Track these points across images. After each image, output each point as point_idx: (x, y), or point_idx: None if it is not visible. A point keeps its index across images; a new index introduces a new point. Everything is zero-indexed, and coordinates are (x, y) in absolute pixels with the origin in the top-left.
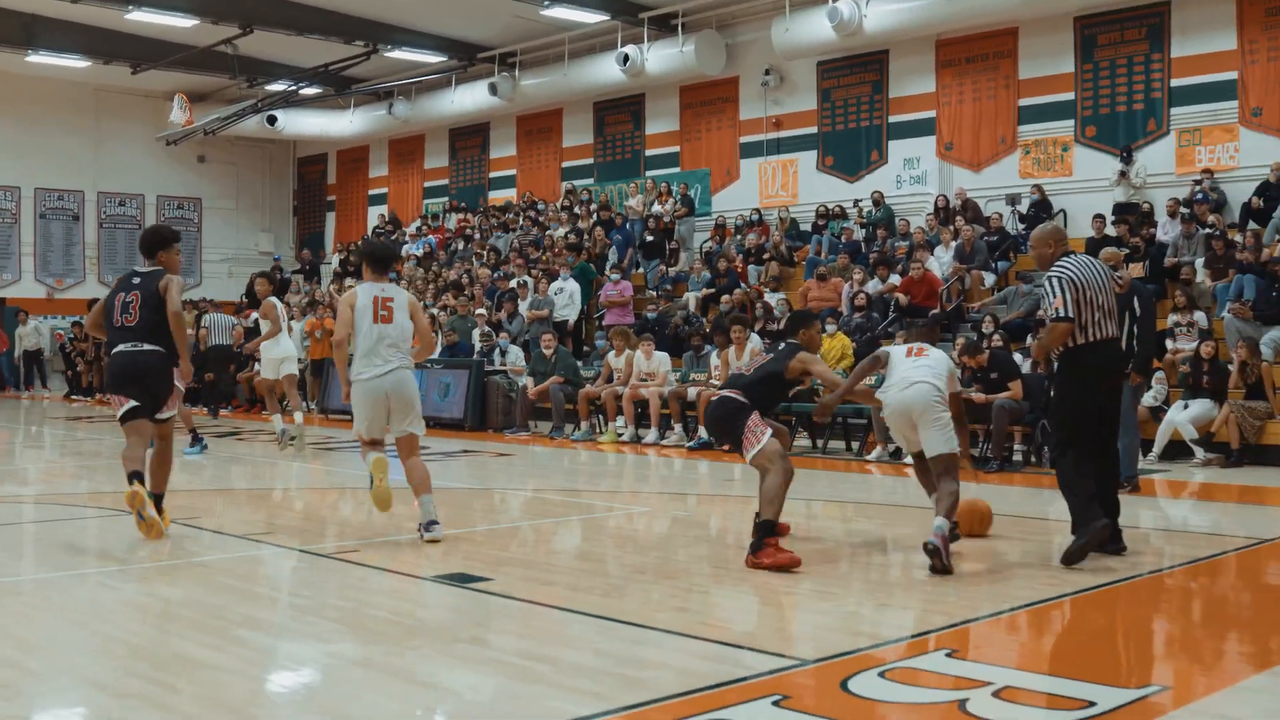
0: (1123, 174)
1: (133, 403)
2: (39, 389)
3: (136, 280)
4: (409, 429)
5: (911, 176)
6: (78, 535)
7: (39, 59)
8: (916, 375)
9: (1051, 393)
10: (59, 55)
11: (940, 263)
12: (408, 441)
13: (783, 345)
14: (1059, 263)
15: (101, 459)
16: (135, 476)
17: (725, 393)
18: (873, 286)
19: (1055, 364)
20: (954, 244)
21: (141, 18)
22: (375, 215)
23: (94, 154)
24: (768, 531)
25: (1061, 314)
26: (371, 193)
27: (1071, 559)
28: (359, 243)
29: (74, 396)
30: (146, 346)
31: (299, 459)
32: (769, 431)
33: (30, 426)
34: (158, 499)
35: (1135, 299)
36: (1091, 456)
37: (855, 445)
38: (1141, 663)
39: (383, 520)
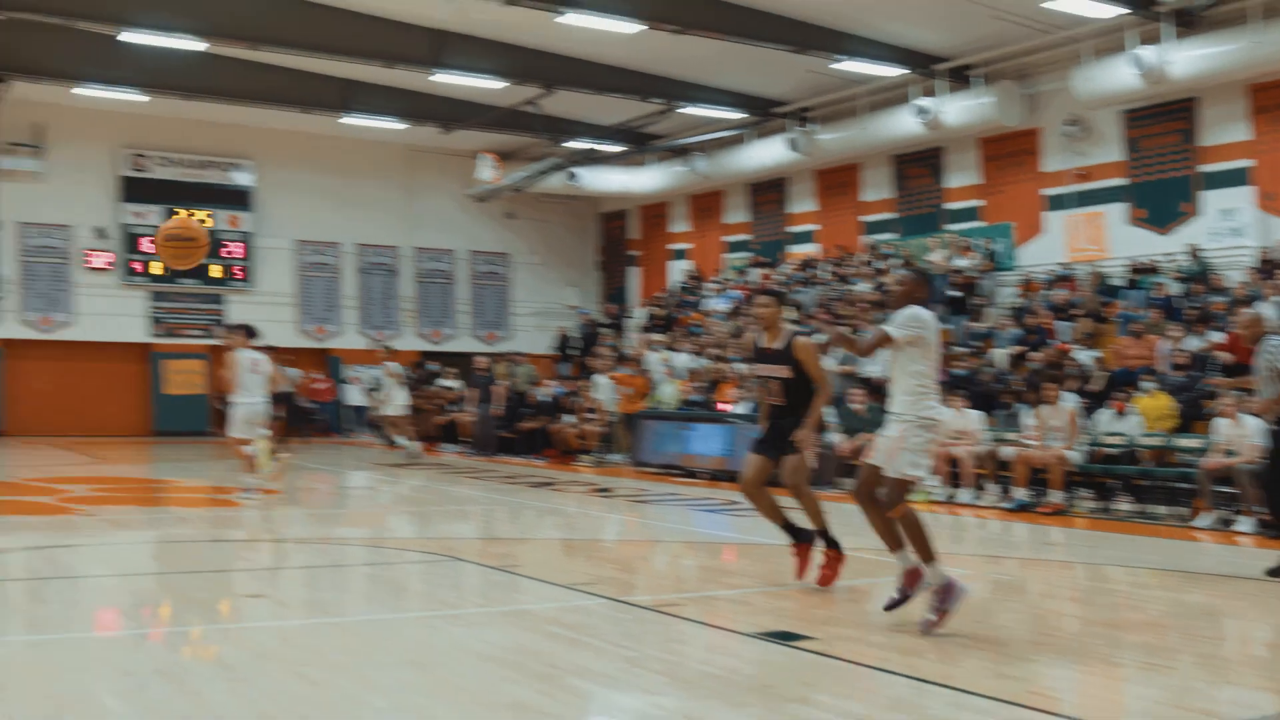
0: None
1: None
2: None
3: None
4: None
5: (1228, 228)
6: (403, 578)
7: (354, 121)
8: None
9: None
10: (373, 117)
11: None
12: None
13: None
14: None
15: (424, 505)
16: None
17: None
18: (1192, 343)
19: None
20: (1276, 299)
21: (449, 80)
22: (678, 269)
23: (408, 211)
24: None
25: None
26: (672, 247)
27: None
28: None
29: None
30: None
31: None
32: None
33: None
34: None
35: None
36: None
37: None
38: None
39: (696, 576)
